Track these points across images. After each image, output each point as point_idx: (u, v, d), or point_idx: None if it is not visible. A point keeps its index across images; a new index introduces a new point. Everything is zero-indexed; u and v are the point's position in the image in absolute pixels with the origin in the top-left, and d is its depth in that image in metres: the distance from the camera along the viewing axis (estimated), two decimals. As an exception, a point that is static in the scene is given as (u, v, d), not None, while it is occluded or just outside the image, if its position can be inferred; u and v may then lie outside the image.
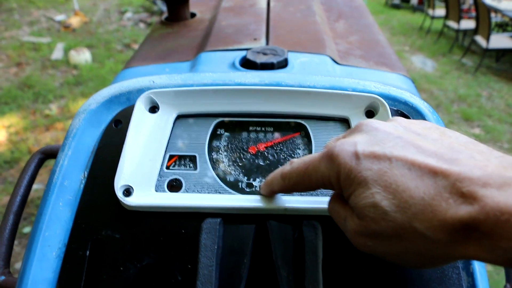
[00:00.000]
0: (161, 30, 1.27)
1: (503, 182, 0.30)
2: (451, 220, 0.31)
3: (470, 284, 0.51)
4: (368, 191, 0.36)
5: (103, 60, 5.07)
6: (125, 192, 0.53)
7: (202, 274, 0.45)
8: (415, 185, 0.34)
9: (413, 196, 0.34)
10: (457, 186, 0.32)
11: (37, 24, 6.18)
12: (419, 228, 0.33)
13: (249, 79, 0.65)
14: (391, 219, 0.35)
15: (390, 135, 0.39)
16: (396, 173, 0.36)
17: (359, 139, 0.40)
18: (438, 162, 0.35)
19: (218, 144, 0.59)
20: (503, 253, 0.30)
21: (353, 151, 0.39)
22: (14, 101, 4.04)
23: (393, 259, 0.39)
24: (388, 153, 0.37)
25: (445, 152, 0.36)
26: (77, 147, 0.58)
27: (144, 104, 0.59)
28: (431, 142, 0.38)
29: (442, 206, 0.32)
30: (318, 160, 0.42)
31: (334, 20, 1.29)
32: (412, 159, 0.36)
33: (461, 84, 5.20)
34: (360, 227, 0.39)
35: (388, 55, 1.10)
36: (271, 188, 0.50)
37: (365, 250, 0.41)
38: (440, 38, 6.85)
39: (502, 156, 0.35)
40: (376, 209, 0.36)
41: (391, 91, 0.63)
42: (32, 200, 2.73)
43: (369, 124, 0.42)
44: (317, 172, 0.42)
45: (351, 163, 0.38)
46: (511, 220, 0.28)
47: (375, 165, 0.37)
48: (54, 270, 0.51)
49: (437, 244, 0.33)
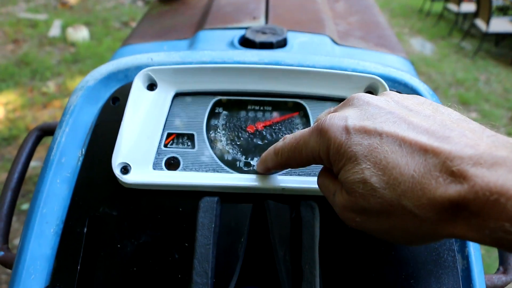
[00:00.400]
0: (160, 8, 1.26)
1: (494, 161, 0.30)
2: (440, 199, 0.31)
3: (465, 266, 0.52)
4: (358, 167, 0.36)
5: (101, 38, 5.02)
6: (123, 170, 0.53)
7: (199, 253, 0.46)
8: (405, 162, 0.34)
9: (403, 174, 0.34)
10: (447, 164, 0.32)
11: (34, 0, 6.11)
12: (407, 205, 0.33)
13: (248, 58, 0.64)
14: (379, 195, 0.35)
15: (382, 110, 0.39)
16: (386, 149, 0.35)
17: (350, 113, 0.40)
18: (430, 140, 0.34)
19: (216, 122, 0.59)
20: (490, 232, 0.30)
21: (343, 126, 0.38)
22: (11, 78, 4.02)
23: (380, 235, 0.40)
24: (379, 128, 0.37)
25: (436, 130, 0.35)
26: (75, 124, 0.58)
27: (142, 82, 0.59)
28: (423, 118, 0.38)
29: (432, 184, 0.32)
30: (309, 134, 0.42)
31: (334, 0, 1.27)
32: (403, 135, 0.35)
33: (459, 67, 5.18)
34: (349, 202, 0.39)
35: (388, 37, 1.10)
36: (266, 165, 0.50)
37: (352, 226, 0.41)
38: (439, 21, 6.80)
39: (494, 135, 0.34)
40: (365, 185, 0.36)
41: (391, 72, 0.63)
42: (30, 177, 2.73)
43: (360, 98, 0.42)
44: (307, 146, 0.42)
45: (341, 138, 0.38)
46: (500, 200, 0.28)
47: (365, 140, 0.37)
48: (52, 247, 0.51)
49: (425, 222, 0.33)
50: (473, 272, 0.51)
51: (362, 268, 0.51)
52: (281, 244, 0.47)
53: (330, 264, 0.51)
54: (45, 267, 0.50)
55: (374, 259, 0.51)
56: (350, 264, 0.51)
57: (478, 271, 0.52)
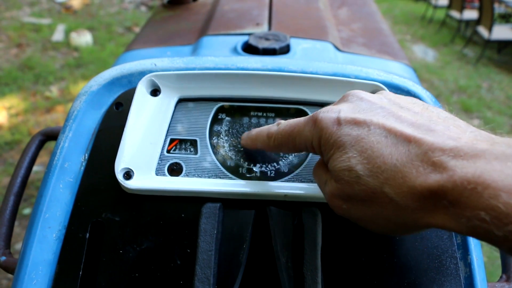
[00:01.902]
0: (163, 13, 1.26)
1: (474, 154, 0.31)
2: (420, 188, 0.33)
3: (467, 274, 0.52)
4: (345, 155, 0.38)
5: (104, 43, 5.04)
6: (126, 175, 0.53)
7: (201, 259, 0.46)
8: (389, 152, 0.35)
9: (386, 162, 0.35)
10: (428, 155, 0.33)
11: (38, 5, 6.13)
12: (389, 193, 0.35)
13: (251, 64, 0.64)
14: (363, 183, 0.37)
15: (374, 105, 0.41)
16: (372, 140, 0.37)
17: (343, 107, 0.42)
18: (414, 132, 0.36)
19: (219, 128, 0.59)
20: (466, 221, 0.30)
21: (336, 117, 0.40)
22: (15, 82, 4.03)
23: (365, 224, 0.41)
24: (368, 120, 0.38)
25: (423, 123, 0.37)
26: (78, 129, 0.58)
27: (146, 87, 0.59)
28: (412, 114, 0.39)
29: (413, 173, 0.33)
30: (303, 124, 0.44)
31: (337, 7, 1.28)
32: (390, 126, 0.37)
33: (461, 74, 5.18)
34: (336, 189, 0.40)
35: (391, 44, 1.10)
36: (254, 144, 0.52)
37: (339, 213, 0.42)
38: (442, 28, 6.81)
39: (477, 131, 0.36)
40: (350, 172, 0.37)
41: (394, 79, 0.63)
42: (32, 182, 2.73)
43: (355, 94, 0.44)
44: (301, 135, 0.44)
45: (332, 128, 0.40)
46: (476, 189, 0.29)
47: (354, 131, 0.38)
48: (54, 252, 0.51)
49: (405, 210, 0.35)
50: (476, 279, 0.51)
51: (364, 275, 0.51)
52: (283, 250, 0.47)
53: (332, 271, 0.50)
54: (47, 272, 0.50)
55: (376, 266, 0.51)
56: (352, 271, 0.51)
57: (480, 278, 0.52)
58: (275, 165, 0.57)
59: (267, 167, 0.56)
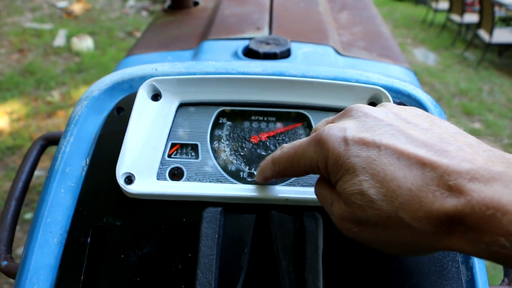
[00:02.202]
0: (164, 18, 1.26)
1: (490, 176, 0.30)
2: (437, 212, 0.32)
3: (469, 278, 0.51)
4: (356, 178, 0.36)
5: (105, 48, 5.05)
6: (127, 180, 0.53)
7: (202, 263, 0.45)
8: (403, 175, 0.34)
9: (401, 186, 0.34)
10: (444, 178, 0.32)
11: (39, 10, 6.14)
12: (405, 218, 0.34)
13: (252, 69, 0.65)
14: (377, 207, 0.35)
15: (381, 122, 0.39)
16: (384, 162, 0.35)
17: (348, 125, 0.40)
18: (427, 153, 0.35)
19: (220, 133, 0.59)
20: (485, 246, 0.30)
21: (342, 137, 0.38)
22: (16, 87, 4.03)
23: (376, 246, 0.40)
24: (378, 141, 0.37)
25: (434, 143, 0.36)
26: (79, 134, 0.58)
27: (147, 92, 0.59)
28: (421, 131, 0.38)
29: (429, 198, 0.32)
30: (307, 144, 0.42)
31: (337, 10, 1.28)
32: (401, 148, 0.36)
33: (462, 78, 5.18)
34: (346, 213, 0.39)
35: (391, 47, 1.10)
36: (264, 175, 0.50)
37: (349, 235, 0.41)
38: (443, 31, 6.81)
39: (490, 150, 0.35)
40: (363, 196, 0.36)
41: (394, 83, 0.63)
42: (34, 187, 2.73)
43: (359, 109, 0.42)
44: (305, 156, 0.42)
45: (340, 149, 0.38)
46: (495, 215, 0.29)
47: (364, 152, 0.37)
48: (56, 256, 0.51)
49: (421, 234, 0.34)
50: (478, 283, 0.51)
51: (365, 279, 0.50)
52: (284, 254, 0.47)
53: (334, 275, 0.50)
54: (49, 277, 0.50)
55: (378, 270, 0.51)
56: (353, 275, 0.51)
57: (482, 282, 0.52)
58: (276, 169, 0.57)
59: (268, 171, 0.56)
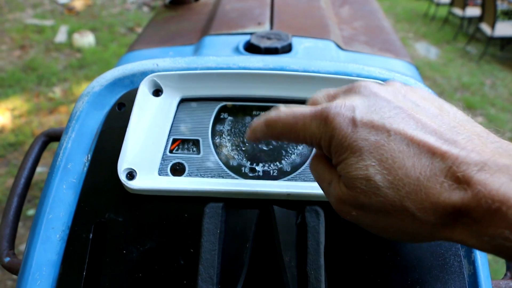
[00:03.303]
0: (165, 14, 1.26)
1: (498, 169, 0.30)
2: (443, 204, 0.31)
3: (471, 272, 0.51)
4: (362, 163, 0.35)
5: (106, 44, 5.04)
6: (128, 176, 0.53)
7: (204, 259, 0.46)
8: (412, 164, 0.34)
9: (409, 175, 0.33)
10: (453, 170, 0.32)
11: (41, 6, 6.14)
12: (409, 207, 0.33)
13: (253, 63, 0.64)
14: (382, 195, 0.34)
15: (390, 104, 0.38)
16: (393, 148, 0.35)
17: (357, 103, 0.38)
18: (437, 142, 0.34)
19: (221, 128, 0.59)
20: (489, 239, 0.30)
21: (351, 117, 0.37)
22: (18, 83, 4.03)
23: (375, 231, 0.39)
24: (387, 125, 0.36)
25: (445, 131, 0.35)
26: (81, 130, 0.58)
27: (148, 87, 0.59)
28: (431, 117, 0.37)
29: (437, 188, 0.32)
30: (310, 118, 0.40)
31: (338, 5, 1.28)
32: (412, 134, 0.35)
33: (464, 72, 5.17)
34: (347, 196, 0.38)
35: (393, 42, 1.10)
36: (255, 135, 0.46)
37: (346, 218, 0.40)
38: (444, 25, 6.79)
39: (498, 141, 0.34)
40: (368, 182, 0.35)
41: (396, 77, 0.63)
42: (36, 183, 2.74)
43: (368, 87, 0.40)
44: (306, 130, 0.40)
45: (347, 130, 0.37)
46: (501, 208, 0.29)
47: (373, 135, 0.36)
48: (58, 252, 0.52)
49: (425, 224, 0.34)
50: (480, 277, 0.51)
51: (367, 274, 0.50)
52: (286, 249, 0.47)
53: (336, 270, 0.50)
54: (51, 273, 0.51)
55: (380, 264, 0.51)
56: (355, 270, 0.51)
57: (484, 276, 0.52)
58: (278, 164, 0.57)
59: (269, 166, 0.56)
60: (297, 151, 0.57)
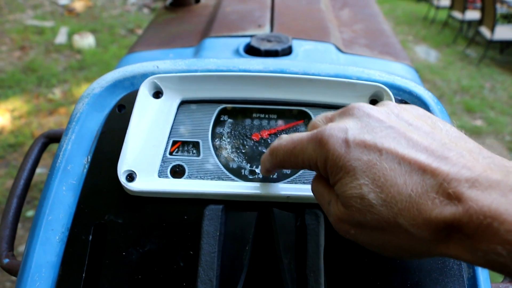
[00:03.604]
0: (165, 16, 1.26)
1: (489, 185, 0.31)
2: (436, 220, 0.32)
3: (470, 275, 0.51)
4: (356, 182, 0.36)
5: (106, 45, 5.05)
6: (128, 177, 0.53)
7: (204, 261, 0.46)
8: (403, 181, 0.34)
9: (401, 192, 0.34)
10: (444, 186, 0.32)
11: (41, 7, 6.14)
12: (403, 224, 0.34)
13: (253, 66, 0.64)
14: (376, 212, 0.35)
15: (382, 124, 0.39)
16: (385, 166, 0.35)
17: (350, 125, 0.39)
18: (428, 159, 0.35)
19: (221, 130, 0.59)
20: (483, 254, 0.30)
21: (343, 138, 0.38)
22: (18, 85, 4.04)
23: (373, 249, 0.40)
24: (379, 144, 0.37)
25: (436, 148, 0.36)
26: (81, 131, 0.58)
27: (148, 89, 0.59)
28: (422, 135, 0.38)
29: (428, 205, 0.32)
30: (306, 141, 0.42)
31: (339, 8, 1.28)
32: (403, 153, 0.36)
33: (464, 75, 5.17)
34: (344, 215, 0.38)
35: (393, 45, 1.10)
36: (264, 166, 0.49)
37: (346, 237, 0.41)
38: (444, 28, 6.81)
39: (490, 157, 0.35)
40: (362, 200, 0.36)
41: (396, 80, 0.63)
42: (35, 184, 2.74)
43: (361, 109, 0.41)
44: (304, 153, 0.42)
45: (340, 150, 0.38)
46: (493, 224, 0.29)
47: (365, 155, 0.37)
48: (57, 254, 0.51)
49: (419, 240, 0.34)
50: (479, 280, 0.51)
51: (367, 277, 0.50)
52: (286, 252, 0.47)
53: (335, 272, 0.50)
54: (50, 274, 0.51)
55: (379, 268, 0.51)
56: (355, 272, 0.51)
57: (484, 279, 0.52)
58: (278, 167, 0.57)
59: (269, 168, 0.56)
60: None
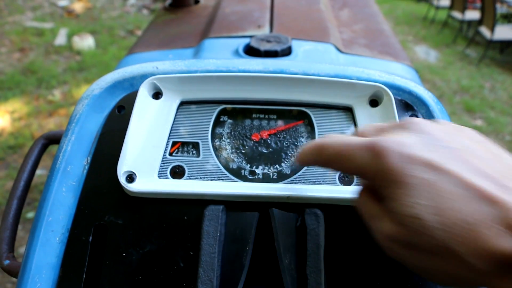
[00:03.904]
0: (165, 16, 1.26)
1: None
2: (493, 250, 0.30)
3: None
4: (411, 200, 0.35)
5: (106, 46, 5.05)
6: (128, 178, 0.53)
7: (204, 261, 0.46)
8: (463, 206, 0.33)
9: (459, 217, 0.32)
10: (505, 216, 0.31)
11: (40, 9, 6.14)
12: (457, 250, 0.32)
13: (253, 66, 0.64)
14: (430, 234, 0.34)
15: (442, 143, 0.37)
16: (445, 188, 0.34)
17: (408, 140, 0.38)
18: (491, 187, 0.33)
19: (221, 131, 0.59)
20: None
21: (403, 152, 0.37)
22: (18, 86, 4.04)
23: (419, 272, 0.38)
24: (442, 165, 0.35)
25: (498, 177, 0.34)
26: (80, 132, 0.58)
27: (148, 90, 0.59)
28: (482, 161, 0.36)
29: (487, 234, 0.31)
30: (358, 148, 0.40)
31: (338, 8, 1.28)
32: (466, 178, 0.34)
33: (464, 75, 5.17)
34: (396, 233, 0.37)
35: (392, 45, 1.10)
36: (304, 158, 0.46)
37: (393, 256, 0.39)
38: (444, 28, 6.81)
39: None
40: (418, 221, 0.34)
41: (396, 80, 0.63)
42: (35, 185, 2.74)
43: (417, 124, 0.40)
44: (355, 159, 0.40)
45: (398, 164, 0.36)
46: None
47: (425, 174, 0.35)
48: (58, 255, 0.51)
49: (473, 270, 0.32)
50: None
51: (367, 277, 0.50)
52: (286, 252, 0.47)
53: (335, 272, 0.50)
54: (51, 275, 0.51)
55: (380, 268, 0.51)
56: (355, 273, 0.51)
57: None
58: (278, 167, 0.57)
59: (269, 169, 0.56)
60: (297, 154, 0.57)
